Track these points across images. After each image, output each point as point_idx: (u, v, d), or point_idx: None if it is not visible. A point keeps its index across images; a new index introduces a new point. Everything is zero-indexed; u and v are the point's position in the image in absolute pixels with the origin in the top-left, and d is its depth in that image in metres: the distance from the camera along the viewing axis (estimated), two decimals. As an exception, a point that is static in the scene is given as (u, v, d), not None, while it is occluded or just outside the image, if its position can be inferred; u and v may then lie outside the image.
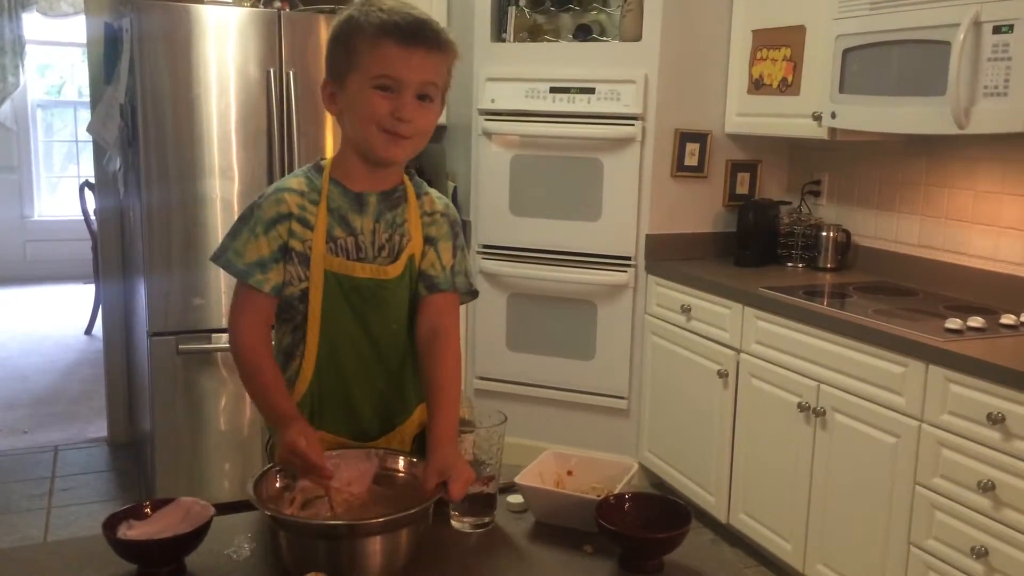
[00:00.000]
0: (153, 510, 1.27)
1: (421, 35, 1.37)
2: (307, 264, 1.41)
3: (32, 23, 7.01)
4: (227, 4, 3.13)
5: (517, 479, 1.43)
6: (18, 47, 6.93)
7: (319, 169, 1.46)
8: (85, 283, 6.49)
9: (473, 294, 1.55)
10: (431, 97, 1.39)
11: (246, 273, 1.40)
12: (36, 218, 7.44)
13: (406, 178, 1.50)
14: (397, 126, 1.37)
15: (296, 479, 1.31)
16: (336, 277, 1.42)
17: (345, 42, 1.39)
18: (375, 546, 1.19)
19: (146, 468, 3.41)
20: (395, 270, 1.45)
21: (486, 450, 1.40)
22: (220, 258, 1.43)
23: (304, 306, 1.43)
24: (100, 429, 4.10)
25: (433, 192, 1.54)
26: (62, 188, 7.58)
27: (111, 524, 1.22)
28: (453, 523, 1.39)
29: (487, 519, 1.40)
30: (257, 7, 3.22)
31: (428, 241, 1.49)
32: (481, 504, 1.39)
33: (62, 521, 3.28)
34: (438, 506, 1.29)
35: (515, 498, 1.45)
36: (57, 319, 6.20)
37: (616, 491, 1.40)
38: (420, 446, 1.50)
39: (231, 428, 3.26)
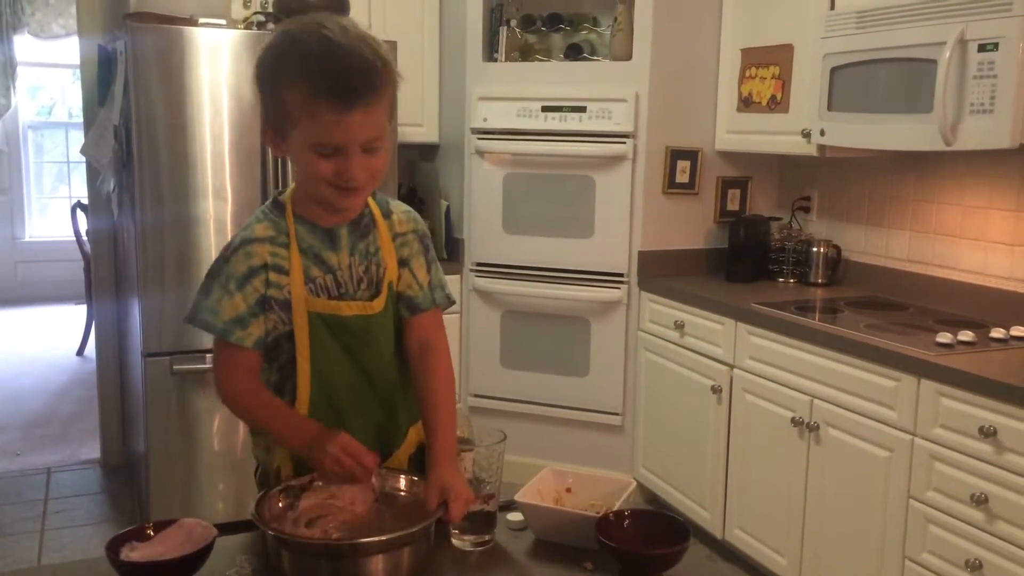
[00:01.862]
0: (155, 532, 1.27)
1: (356, 94, 1.25)
2: (288, 309, 1.38)
3: (23, 45, 7.02)
4: (221, 26, 3.15)
5: (517, 497, 1.44)
6: (9, 69, 6.94)
7: (280, 207, 1.41)
8: (76, 304, 6.48)
9: (451, 303, 1.54)
10: (376, 149, 1.31)
11: (225, 332, 1.36)
12: (27, 239, 7.42)
13: (370, 199, 1.46)
14: (346, 183, 1.31)
15: (298, 496, 1.32)
16: (322, 317, 1.39)
17: (276, 95, 1.29)
18: (377, 565, 1.20)
19: (140, 489, 3.39)
20: (379, 304, 1.43)
21: (486, 468, 1.41)
22: (196, 319, 1.38)
23: (289, 345, 1.40)
24: (93, 451, 4.09)
25: (398, 208, 1.50)
26: (53, 209, 7.57)
27: (114, 546, 1.22)
28: (453, 541, 1.40)
29: (487, 537, 1.41)
30: (251, 29, 3.24)
31: (402, 263, 1.47)
32: (481, 522, 1.40)
33: (55, 544, 3.26)
34: (439, 524, 1.30)
35: (515, 516, 1.46)
36: (48, 340, 6.18)
37: (615, 508, 1.41)
38: (416, 465, 1.51)
39: (225, 449, 3.25)
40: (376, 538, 1.21)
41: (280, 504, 1.31)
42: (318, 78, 1.25)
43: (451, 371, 1.48)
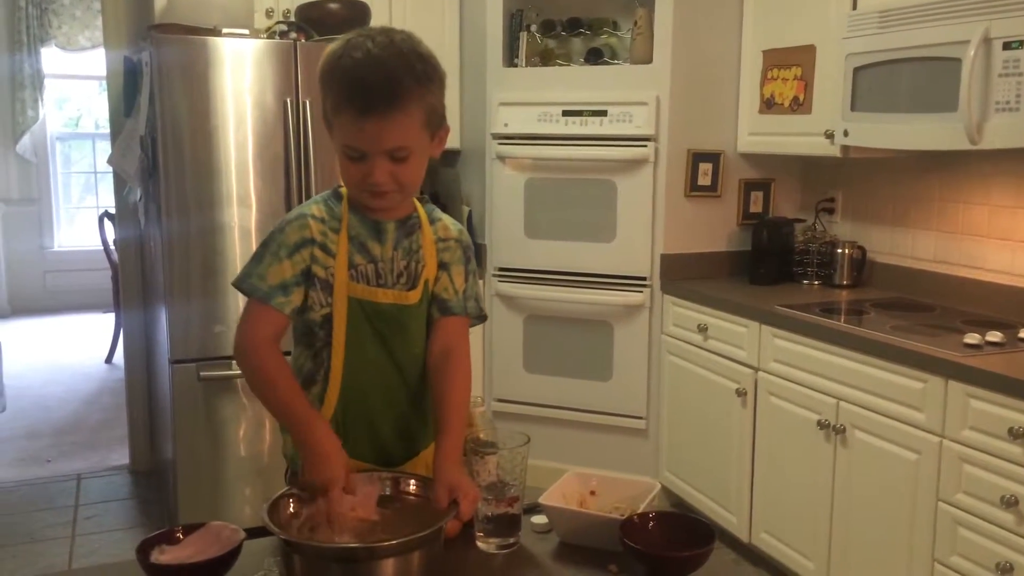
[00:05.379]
0: (184, 535, 1.29)
1: (371, 103, 1.31)
2: (330, 291, 1.44)
3: (50, 57, 7.13)
4: (244, 36, 3.18)
5: (541, 499, 1.45)
6: (37, 81, 7.05)
7: (338, 196, 1.48)
8: (104, 312, 6.56)
9: (482, 319, 1.58)
10: (404, 158, 1.36)
11: (268, 295, 1.41)
12: (55, 249, 7.52)
13: (418, 204, 1.53)
14: (371, 187, 1.38)
15: (304, 503, 1.33)
16: (359, 303, 1.44)
17: (324, 96, 1.38)
18: (388, 568, 1.20)
19: (168, 495, 3.43)
20: (415, 296, 1.48)
21: (510, 471, 1.41)
22: (243, 282, 1.43)
23: (324, 332, 1.45)
24: (122, 457, 4.13)
25: (446, 218, 1.56)
26: (80, 219, 7.67)
27: (144, 549, 1.24)
28: (479, 544, 1.40)
29: (512, 540, 1.41)
30: (273, 38, 3.27)
31: (442, 266, 1.52)
32: (506, 525, 1.40)
33: (85, 549, 3.30)
34: (463, 527, 1.31)
35: (539, 518, 1.47)
36: (77, 348, 6.25)
37: (639, 510, 1.41)
38: None
39: (252, 454, 3.28)
40: (391, 541, 1.21)
41: (291, 509, 1.33)
42: (344, 86, 1.34)
43: (469, 378, 1.51)
